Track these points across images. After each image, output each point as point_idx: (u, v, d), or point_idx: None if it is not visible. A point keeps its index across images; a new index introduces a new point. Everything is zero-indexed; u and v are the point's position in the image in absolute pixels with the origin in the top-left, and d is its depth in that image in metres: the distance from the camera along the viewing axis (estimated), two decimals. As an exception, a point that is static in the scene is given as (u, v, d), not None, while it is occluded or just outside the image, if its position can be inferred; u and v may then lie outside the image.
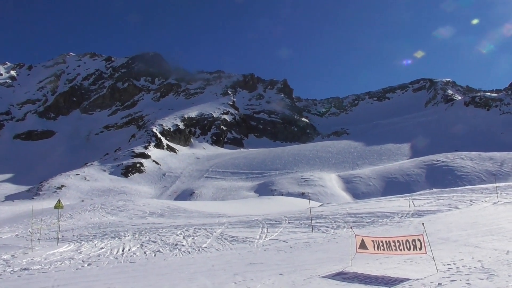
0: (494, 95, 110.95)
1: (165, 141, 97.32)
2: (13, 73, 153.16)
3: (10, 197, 65.15)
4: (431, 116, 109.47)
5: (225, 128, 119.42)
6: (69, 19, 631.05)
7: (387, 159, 72.62)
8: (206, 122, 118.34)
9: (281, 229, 18.77)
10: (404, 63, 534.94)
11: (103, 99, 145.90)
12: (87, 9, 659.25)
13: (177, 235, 18.60)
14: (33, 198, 60.74)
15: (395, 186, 52.38)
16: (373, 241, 9.94)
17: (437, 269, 8.78)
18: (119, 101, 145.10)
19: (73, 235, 20.70)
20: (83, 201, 49.88)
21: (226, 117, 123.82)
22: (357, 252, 10.41)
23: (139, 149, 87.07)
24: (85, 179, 71.51)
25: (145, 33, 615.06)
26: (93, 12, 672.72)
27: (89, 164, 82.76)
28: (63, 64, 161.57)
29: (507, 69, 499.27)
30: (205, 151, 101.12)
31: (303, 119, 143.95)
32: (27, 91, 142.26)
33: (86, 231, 22.36)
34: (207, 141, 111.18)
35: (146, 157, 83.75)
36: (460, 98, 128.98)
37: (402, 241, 9.19)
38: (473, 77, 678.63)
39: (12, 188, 75.32)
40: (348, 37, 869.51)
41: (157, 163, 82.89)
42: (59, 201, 20.69)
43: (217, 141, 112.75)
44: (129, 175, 75.88)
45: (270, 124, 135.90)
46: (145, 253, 15.18)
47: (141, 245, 16.72)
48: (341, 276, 9.22)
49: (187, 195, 62.23)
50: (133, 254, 15.05)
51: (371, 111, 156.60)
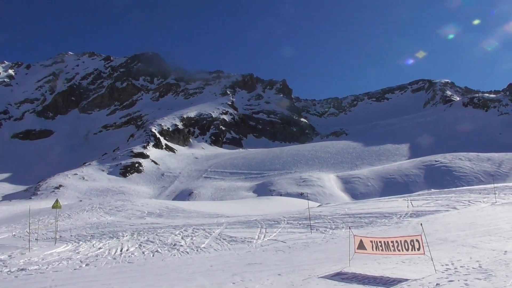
0: (492, 96, 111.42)
1: (163, 141, 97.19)
2: (11, 72, 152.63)
3: (7, 197, 64.91)
4: (429, 116, 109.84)
5: (224, 128, 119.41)
6: (68, 18, 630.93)
7: (386, 160, 72.81)
8: (205, 122, 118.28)
9: (279, 230, 18.76)
10: (405, 63, 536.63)
11: (101, 98, 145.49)
12: (86, 8, 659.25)
13: (176, 235, 18.56)
14: (31, 198, 60.54)
15: (393, 186, 52.48)
16: (371, 242, 9.95)
17: (435, 270, 8.80)
18: (117, 101, 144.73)
19: (71, 235, 20.64)
20: (81, 201, 49.66)
21: (225, 117, 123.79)
22: (355, 252, 10.42)
23: (138, 149, 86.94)
24: (83, 179, 71.37)
25: (144, 33, 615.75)
26: (92, 11, 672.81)
27: (87, 164, 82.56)
28: (61, 63, 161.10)
29: (508, 68, 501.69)
30: (204, 151, 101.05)
31: (302, 120, 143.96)
32: (25, 90, 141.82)
33: (84, 231, 22.29)
34: (206, 141, 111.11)
35: (144, 157, 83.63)
36: (458, 99, 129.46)
37: (400, 241, 9.20)
38: (472, 78, 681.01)
39: (9, 187, 75.11)
40: (348, 37, 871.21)
41: (155, 163, 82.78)
42: (57, 201, 20.62)
43: (216, 141, 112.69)
44: (128, 175, 75.76)
45: (269, 124, 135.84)
46: (144, 253, 15.15)
47: (140, 245, 16.68)
48: (340, 276, 9.22)
49: (185, 195, 62.19)
50: (131, 254, 15.02)
51: (370, 111, 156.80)
